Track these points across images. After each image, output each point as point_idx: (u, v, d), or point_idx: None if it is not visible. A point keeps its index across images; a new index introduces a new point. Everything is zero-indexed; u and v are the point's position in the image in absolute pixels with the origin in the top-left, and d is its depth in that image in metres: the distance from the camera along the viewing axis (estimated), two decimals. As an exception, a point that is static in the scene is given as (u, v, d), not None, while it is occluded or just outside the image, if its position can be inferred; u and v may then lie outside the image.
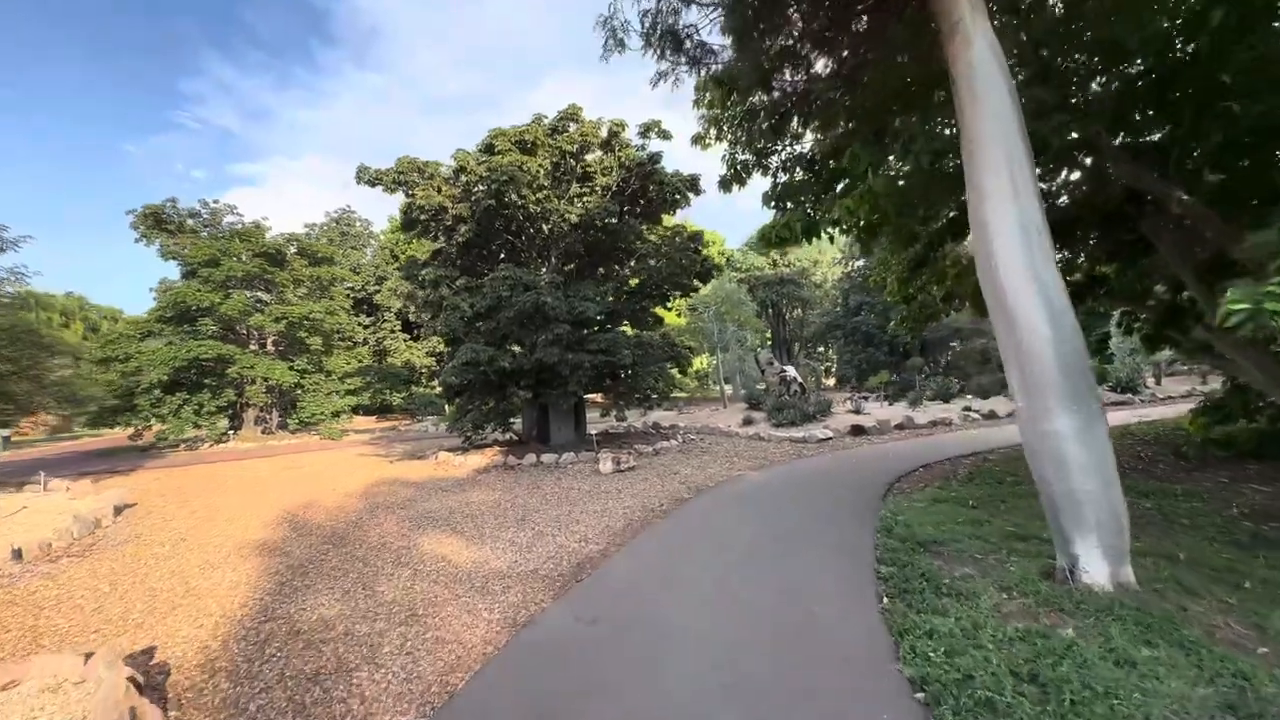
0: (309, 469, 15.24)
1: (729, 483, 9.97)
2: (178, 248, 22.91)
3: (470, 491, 10.34)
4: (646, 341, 16.57)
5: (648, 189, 14.76)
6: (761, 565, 5.55)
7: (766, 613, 4.47)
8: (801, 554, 5.83)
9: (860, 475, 9.93)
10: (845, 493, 8.56)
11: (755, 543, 6.28)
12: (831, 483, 9.43)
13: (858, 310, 30.09)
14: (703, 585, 5.10)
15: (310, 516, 8.92)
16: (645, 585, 5.19)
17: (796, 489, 9.11)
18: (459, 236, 13.36)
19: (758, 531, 6.73)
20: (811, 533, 6.58)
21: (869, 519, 7.02)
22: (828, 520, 7.06)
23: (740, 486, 9.60)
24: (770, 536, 6.50)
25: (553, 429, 15.69)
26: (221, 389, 21.97)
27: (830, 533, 6.50)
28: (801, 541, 6.25)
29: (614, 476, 11.09)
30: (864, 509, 7.53)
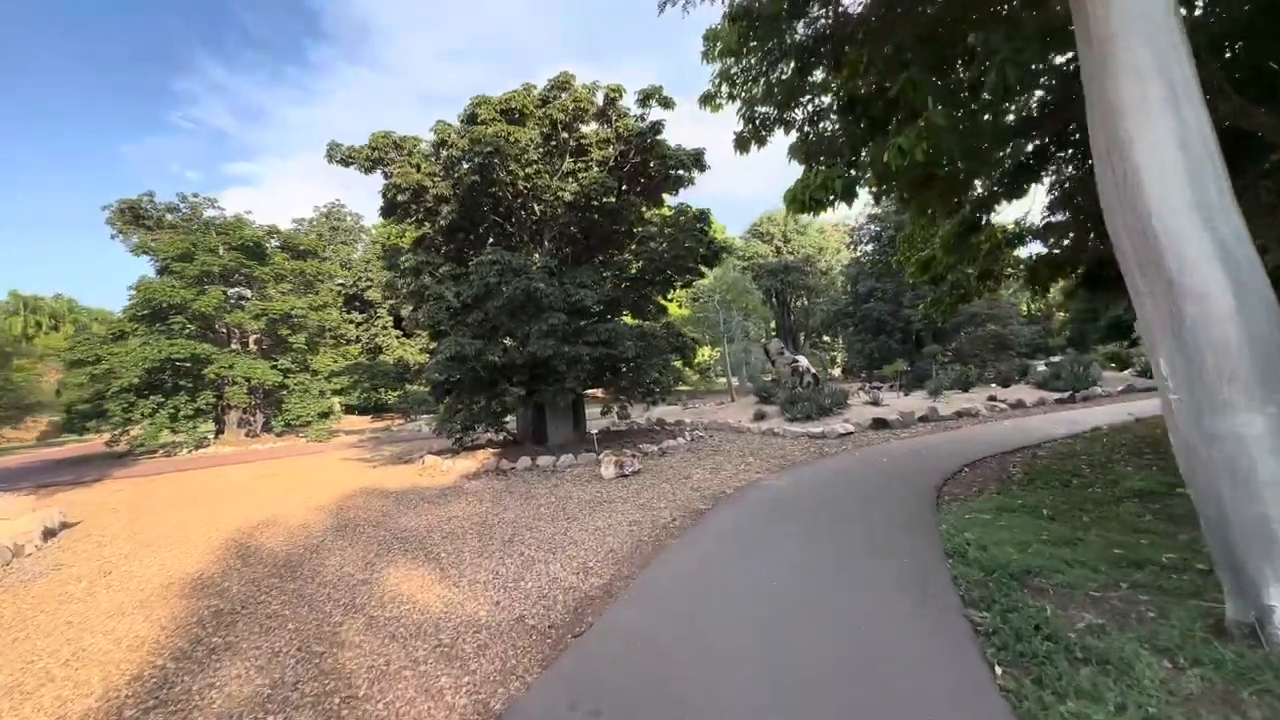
0: (285, 476, 14.02)
1: (750, 489, 8.72)
2: (152, 243, 21.60)
3: (454, 503, 9.11)
4: (649, 332, 15.32)
5: (648, 165, 13.44)
6: (810, 610, 4.31)
7: (829, 690, 3.23)
8: (859, 590, 4.58)
9: (899, 478, 8.68)
10: (889, 501, 7.31)
11: (796, 575, 5.04)
12: (868, 488, 8.18)
13: (867, 297, 28.81)
14: (738, 644, 3.86)
15: (266, 539, 7.69)
16: (662, 643, 3.95)
17: (830, 497, 7.86)
18: (441, 219, 12.07)
19: (796, 558, 5.49)
20: (864, 558, 5.33)
21: (929, 536, 5.77)
22: (880, 540, 5.81)
23: (763, 495, 8.35)
24: (814, 565, 5.26)
25: (549, 428, 14.45)
26: (199, 391, 20.72)
27: (888, 558, 5.25)
28: (855, 571, 5.01)
29: (617, 483, 9.86)
30: (918, 522, 6.29)
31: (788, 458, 11.35)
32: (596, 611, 4.56)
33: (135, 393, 19.52)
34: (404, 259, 12.41)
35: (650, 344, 14.65)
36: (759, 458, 11.53)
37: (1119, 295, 17.98)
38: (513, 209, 13.28)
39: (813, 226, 44.89)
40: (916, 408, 16.86)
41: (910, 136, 4.98)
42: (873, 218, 30.84)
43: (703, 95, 7.95)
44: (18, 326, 53.11)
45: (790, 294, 39.22)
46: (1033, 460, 9.36)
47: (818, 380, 19.34)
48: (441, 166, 12.11)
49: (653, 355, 14.56)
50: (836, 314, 31.43)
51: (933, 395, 19.12)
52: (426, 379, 12.50)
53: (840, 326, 32.38)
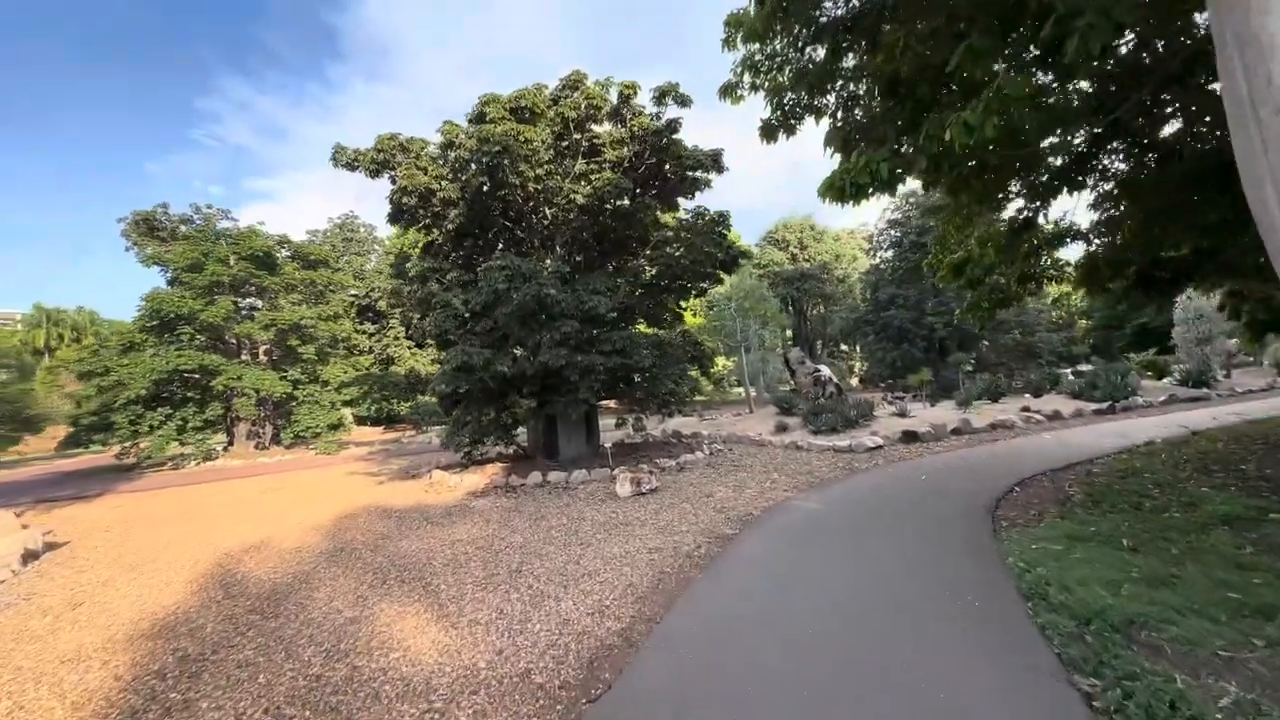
0: (289, 491, 13.51)
1: (778, 511, 7.99)
2: (162, 253, 21.43)
3: (459, 524, 8.47)
4: (665, 341, 14.68)
5: (664, 166, 12.86)
6: (869, 669, 3.59)
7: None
8: (926, 642, 3.85)
9: (943, 498, 7.90)
10: (938, 526, 6.55)
11: (847, 621, 4.32)
12: (912, 511, 7.41)
13: (888, 304, 27.94)
14: (784, 715, 3.16)
15: (254, 565, 7.10)
16: (694, 714, 3.26)
17: (871, 521, 7.11)
18: (449, 224, 11.56)
19: (844, 597, 4.77)
20: (924, 598, 4.60)
21: (995, 570, 5.03)
22: (938, 576, 5.07)
23: (795, 517, 7.62)
24: (866, 607, 4.53)
25: (561, 442, 13.82)
26: (207, 403, 20.40)
27: (953, 598, 4.52)
28: (916, 616, 4.28)
29: (634, 502, 9.17)
30: (979, 552, 5.53)
31: (815, 474, 10.59)
32: (615, 666, 3.87)
33: (143, 404, 19.23)
34: (410, 265, 11.91)
35: (666, 353, 14.00)
36: (784, 474, 10.78)
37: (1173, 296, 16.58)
38: (523, 213, 12.75)
39: (829, 234, 44.09)
40: (947, 419, 16.00)
41: (978, 110, 4.31)
42: (893, 223, 30.05)
43: (723, 86, 7.36)
44: (40, 338, 54.02)
45: (807, 302, 38.39)
46: (1089, 479, 8.53)
47: (840, 391, 18.53)
48: (449, 169, 11.62)
49: (669, 365, 13.91)
50: (856, 322, 30.55)
51: (962, 406, 18.22)
52: (432, 390, 11.94)
53: (859, 335, 31.48)
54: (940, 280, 13.51)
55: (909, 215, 28.99)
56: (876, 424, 15.76)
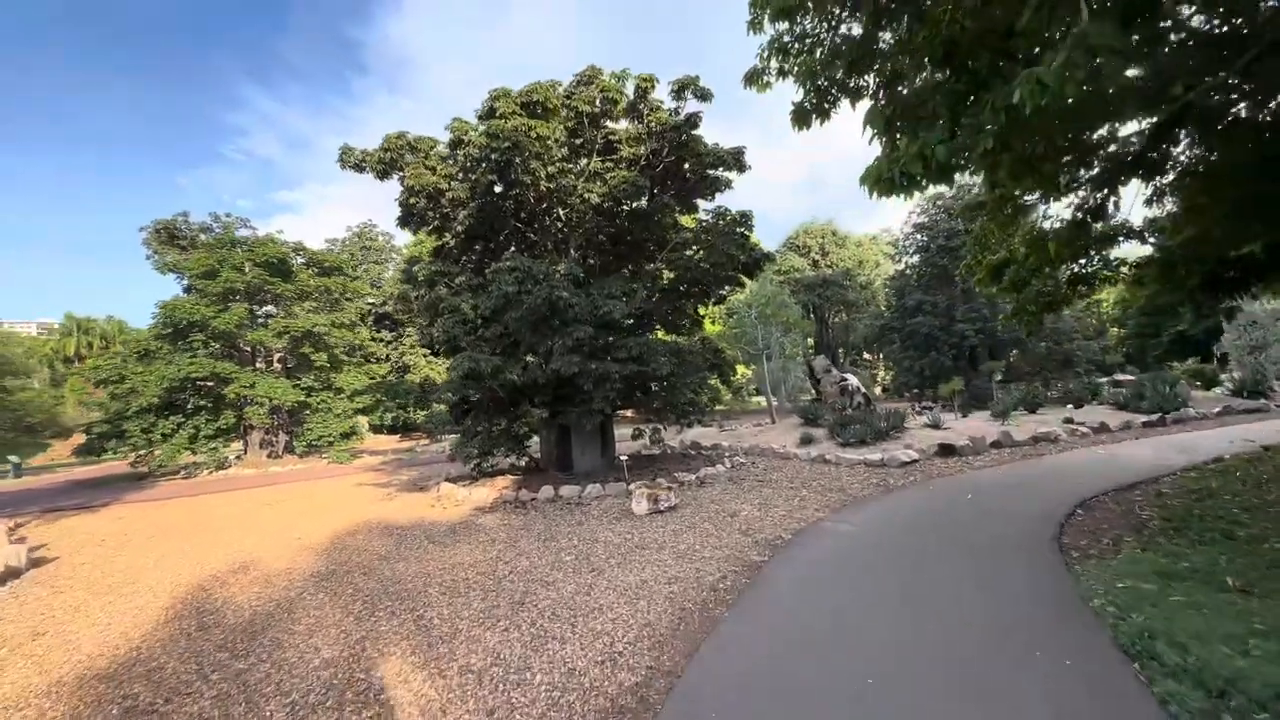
0: (294, 503, 13.06)
1: (811, 534, 7.23)
2: (178, 260, 21.39)
3: (462, 544, 7.85)
4: (684, 348, 14.01)
5: (683, 164, 12.24)
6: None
7: None
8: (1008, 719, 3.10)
9: (996, 521, 7.08)
10: (997, 557, 5.75)
11: (903, 681, 3.57)
12: (963, 536, 6.60)
13: (915, 310, 26.92)
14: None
15: (237, 590, 6.54)
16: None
17: (916, 548, 6.32)
18: (458, 225, 11.06)
19: (898, 646, 4.02)
20: (997, 652, 3.83)
21: (1077, 615, 4.24)
22: (1009, 619, 4.29)
23: (830, 542, 6.86)
24: (926, 662, 3.78)
25: (575, 454, 13.19)
26: (220, 411, 20.18)
27: (1033, 652, 3.75)
28: (991, 679, 3.51)
29: (651, 521, 8.47)
30: (1053, 593, 4.74)
31: (847, 491, 9.79)
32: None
33: (155, 413, 19.05)
34: (418, 269, 11.42)
35: (685, 361, 13.32)
36: (813, 490, 9.99)
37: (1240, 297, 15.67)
38: (535, 214, 12.22)
39: (850, 240, 43.10)
40: (985, 431, 15.06)
41: (1055, 65, 3.59)
42: (919, 227, 29.06)
43: (748, 73, 6.71)
44: (71, 347, 55.32)
45: (828, 309, 37.42)
46: (1161, 501, 7.63)
47: (869, 400, 17.64)
48: (458, 168, 11.14)
49: (688, 373, 13.23)
50: (881, 329, 29.52)
51: (999, 418, 17.20)
52: (439, 399, 11.41)
53: (884, 343, 30.43)
54: (978, 284, 12.66)
55: (936, 218, 28.00)
56: (908, 436, 14.87)
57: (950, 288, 27.92)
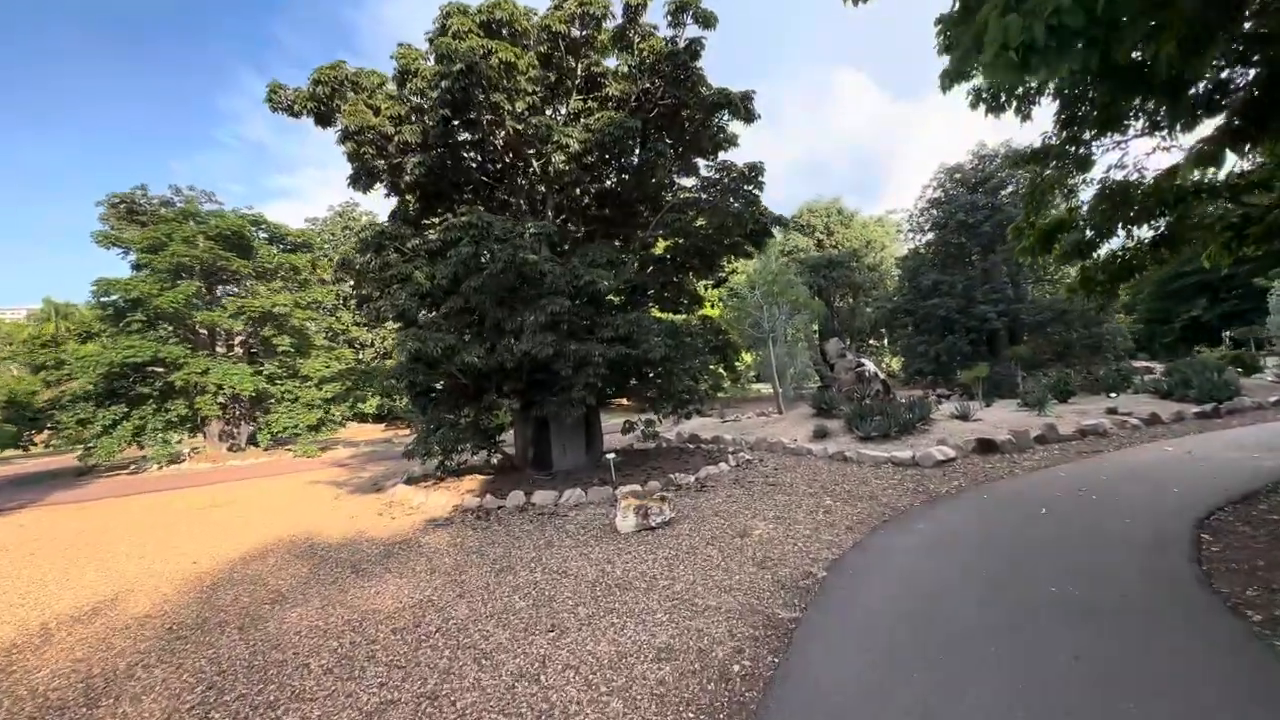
0: (227, 509, 11.24)
1: (850, 570, 5.40)
2: (120, 232, 19.36)
3: (391, 578, 6.02)
4: (682, 328, 12.15)
5: (681, 109, 10.26)
6: None
7: None
8: None
9: (1101, 552, 5.26)
10: (1141, 623, 3.92)
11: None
12: (1067, 580, 4.76)
13: (931, 292, 24.99)
14: None
15: (56, 653, 4.70)
16: None
17: (1008, 601, 4.46)
18: (406, 175, 9.10)
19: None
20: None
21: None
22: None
23: (879, 588, 5.02)
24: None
25: (555, 451, 11.35)
26: (170, 400, 18.26)
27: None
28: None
29: (638, 541, 6.64)
30: (1267, 696, 2.91)
31: (880, 499, 7.97)
32: None
33: (95, 401, 17.14)
34: (361, 229, 9.47)
35: (683, 343, 11.47)
36: (839, 498, 8.17)
37: None
38: (506, 168, 10.26)
39: (857, 220, 41.04)
40: (1023, 424, 13.27)
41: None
42: (934, 203, 27.05)
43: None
44: (50, 331, 53.10)
45: (834, 291, 35.45)
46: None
47: (888, 388, 15.81)
48: (409, 108, 9.15)
49: (686, 357, 11.37)
50: (892, 312, 27.57)
51: (1033, 407, 15.37)
52: (380, 387, 9.57)
53: (896, 327, 28.53)
54: (1020, 253, 10.84)
55: (953, 193, 25.97)
56: (936, 429, 13.07)
57: (968, 267, 25.99)
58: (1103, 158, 8.84)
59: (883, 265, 36.83)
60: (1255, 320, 31.56)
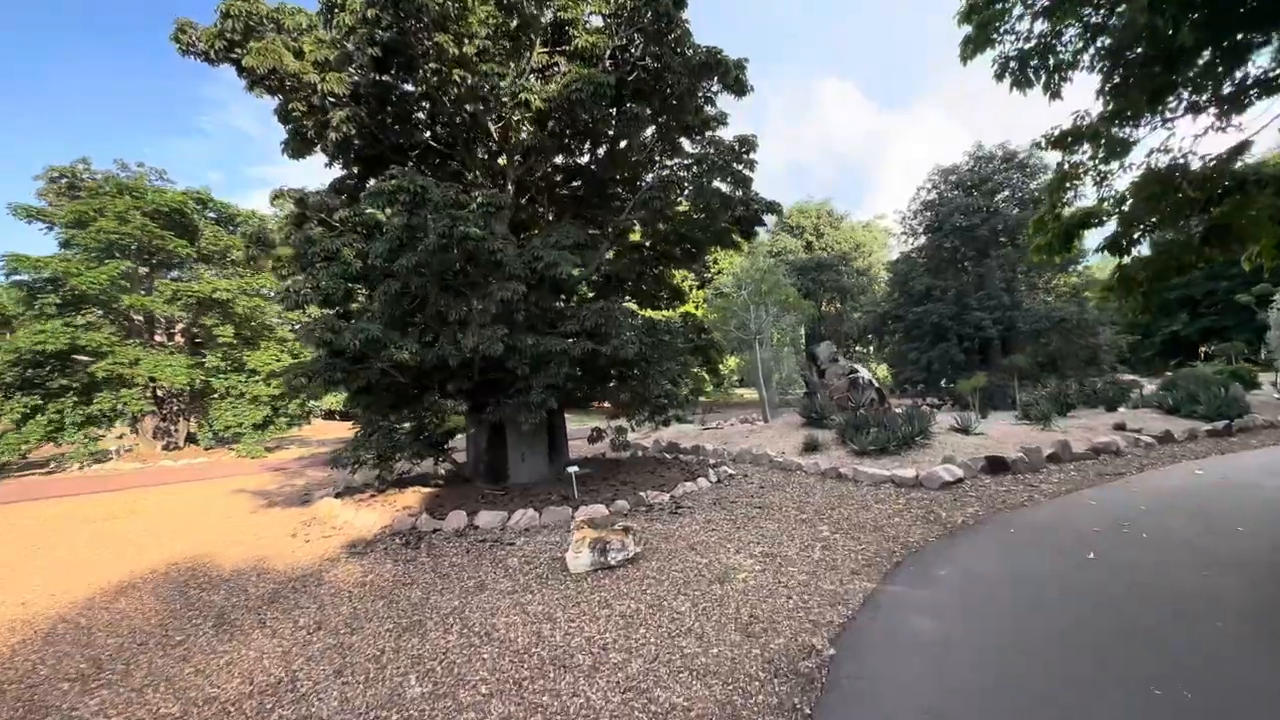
0: (131, 519, 9.70)
1: (859, 641, 4.08)
2: (42, 208, 17.49)
3: (262, 635, 4.57)
4: (661, 325, 10.80)
5: (665, 72, 8.90)
6: None
7: None
8: None
9: (1188, 612, 4.01)
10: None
11: None
12: (1171, 668, 3.48)
13: (924, 297, 24.01)
14: None
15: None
16: None
17: (1100, 709, 3.17)
18: (332, 132, 7.63)
19: None
20: None
21: None
22: None
23: (906, 676, 3.70)
24: None
25: (511, 460, 9.93)
26: (94, 393, 16.43)
27: None
28: None
29: (591, 587, 5.26)
30: None
31: (886, 531, 6.68)
32: None
33: (4, 393, 15.29)
34: (278, 200, 7.98)
35: (661, 341, 10.13)
36: (838, 528, 6.87)
37: None
38: (458, 133, 8.82)
39: (846, 223, 40.10)
40: (1028, 439, 12.16)
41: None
42: (927, 205, 26.09)
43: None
44: None
45: (822, 295, 34.42)
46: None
47: (883, 397, 14.62)
48: (338, 53, 7.67)
49: (664, 358, 10.04)
50: (882, 317, 26.57)
51: (1038, 421, 14.29)
52: (289, 385, 8.10)
53: (884, 333, 27.53)
54: (1036, 251, 9.74)
55: (948, 196, 25.02)
56: (936, 443, 11.90)
57: (962, 273, 25.06)
58: (1148, 138, 7.70)
59: (871, 270, 35.91)
60: (1233, 336, 31.27)
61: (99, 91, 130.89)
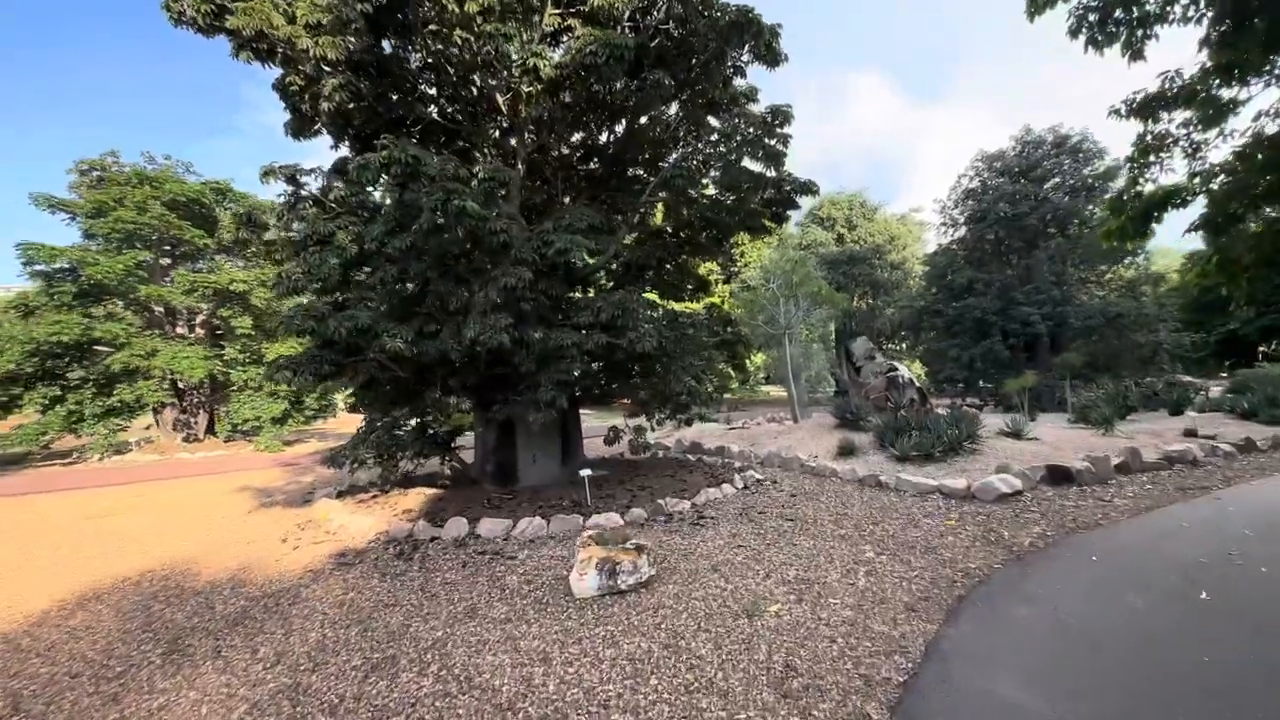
0: (128, 516, 9.37)
1: (927, 713, 3.23)
2: (64, 199, 17.47)
3: (211, 670, 3.93)
4: (683, 318, 10.01)
5: (689, 37, 8.06)
6: None
7: None
8: None
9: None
10: None
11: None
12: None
13: (966, 290, 22.62)
14: None
15: None
16: None
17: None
18: (325, 102, 7.00)
19: None
20: None
21: None
22: None
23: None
24: None
25: (521, 461, 9.24)
26: (113, 384, 16.33)
27: None
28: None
29: (596, 616, 4.50)
30: None
31: (940, 553, 5.76)
32: None
33: (25, 384, 15.27)
34: (266, 177, 7.38)
35: (684, 335, 9.33)
36: (883, 548, 5.98)
37: None
38: (462, 105, 8.12)
39: (880, 215, 38.53)
40: (1089, 445, 11.02)
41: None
42: (970, 194, 24.62)
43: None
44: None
45: (853, 290, 33.04)
46: None
47: (924, 397, 13.54)
48: (332, 17, 7.02)
49: (687, 352, 9.23)
50: (919, 313, 25.22)
51: (1097, 426, 13.05)
52: (269, 377, 7.53)
53: (921, 329, 26.15)
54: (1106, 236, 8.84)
55: (993, 184, 23.53)
56: (986, 448, 10.86)
57: (1006, 265, 23.58)
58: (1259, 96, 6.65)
59: (906, 264, 34.36)
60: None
61: (145, 92, 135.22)
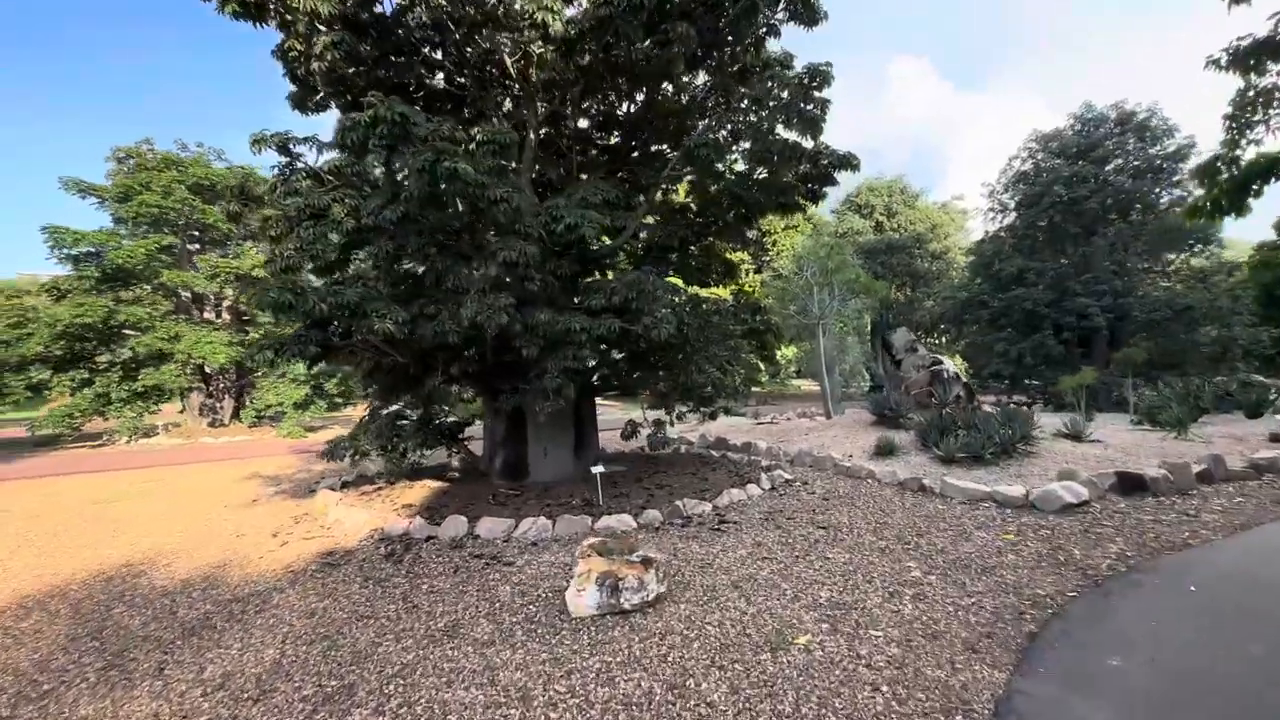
0: (136, 501, 9.20)
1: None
2: (94, 183, 17.60)
3: (145, 695, 3.42)
4: (707, 303, 9.25)
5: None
6: None
7: None
8: None
9: None
10: None
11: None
12: None
13: (1015, 280, 21.17)
14: None
15: None
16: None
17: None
18: (317, 61, 6.46)
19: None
20: None
21: None
22: None
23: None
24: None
25: (532, 455, 8.66)
26: (137, 368, 16.42)
27: None
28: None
29: (592, 642, 3.84)
30: None
31: (1000, 575, 4.92)
32: None
33: (54, 366, 15.44)
34: (256, 145, 6.90)
35: (708, 322, 8.57)
36: (930, 565, 5.17)
37: None
38: (469, 70, 7.49)
39: (922, 202, 36.75)
40: (1161, 450, 9.91)
41: None
42: (1021, 177, 23.03)
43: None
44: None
45: (891, 280, 31.56)
46: None
47: (971, 393, 12.48)
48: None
49: (711, 341, 8.48)
50: (964, 304, 23.78)
51: (1169, 428, 11.79)
52: (249, 358, 7.06)
53: (965, 322, 24.69)
54: (1193, 214, 7.80)
55: (1047, 165, 21.91)
56: (1042, 450, 9.86)
57: (1061, 253, 22.00)
58: None
59: (948, 254, 32.66)
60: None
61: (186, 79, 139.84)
